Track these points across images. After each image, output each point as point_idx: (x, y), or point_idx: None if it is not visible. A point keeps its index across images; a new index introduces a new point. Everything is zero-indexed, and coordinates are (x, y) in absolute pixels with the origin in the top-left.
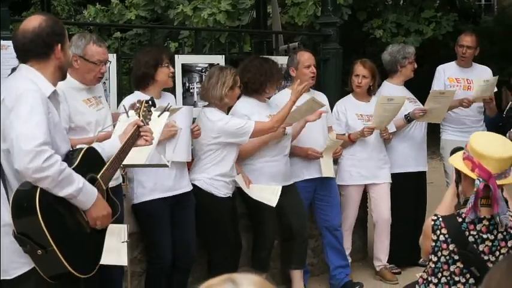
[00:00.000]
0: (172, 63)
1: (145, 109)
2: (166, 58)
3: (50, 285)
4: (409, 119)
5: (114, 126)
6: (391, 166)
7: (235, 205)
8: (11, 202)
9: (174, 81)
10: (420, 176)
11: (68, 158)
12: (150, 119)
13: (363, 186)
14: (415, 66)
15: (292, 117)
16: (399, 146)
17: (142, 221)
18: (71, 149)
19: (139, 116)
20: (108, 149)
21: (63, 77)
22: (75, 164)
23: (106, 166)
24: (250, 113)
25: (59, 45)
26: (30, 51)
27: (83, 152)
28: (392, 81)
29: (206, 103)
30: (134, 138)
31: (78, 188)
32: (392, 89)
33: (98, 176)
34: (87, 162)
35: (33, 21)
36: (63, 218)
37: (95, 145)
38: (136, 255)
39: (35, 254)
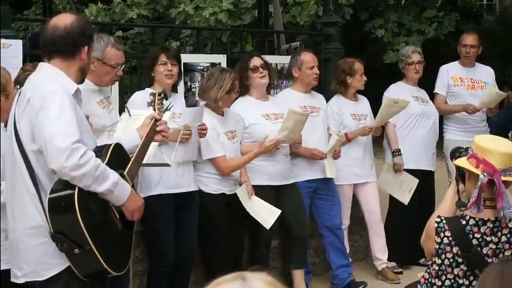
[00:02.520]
0: (177, 59)
1: (159, 102)
2: (163, 57)
3: (79, 285)
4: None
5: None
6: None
7: (234, 204)
8: (47, 201)
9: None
10: (426, 176)
11: (96, 154)
12: (164, 112)
13: (353, 185)
14: (417, 68)
15: (289, 138)
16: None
17: (146, 219)
18: (98, 146)
19: (154, 109)
20: (126, 143)
21: (83, 80)
22: (106, 160)
23: (131, 162)
24: (241, 111)
25: (86, 47)
26: (58, 48)
27: (111, 148)
28: (404, 81)
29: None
30: (153, 131)
31: (114, 182)
32: (400, 88)
33: (125, 172)
34: (116, 159)
35: (66, 19)
36: (99, 217)
37: (114, 139)
38: (138, 255)
39: (71, 253)
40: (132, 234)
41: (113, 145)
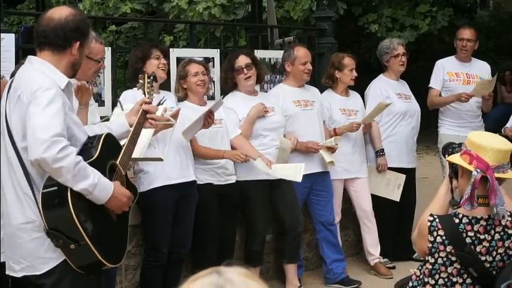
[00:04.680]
0: (167, 57)
1: (148, 85)
2: (156, 51)
3: (74, 277)
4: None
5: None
6: (373, 159)
7: (224, 196)
8: (40, 199)
9: (169, 75)
10: (407, 172)
11: (88, 146)
12: (153, 94)
13: (343, 180)
14: (403, 60)
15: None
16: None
17: (146, 211)
18: (89, 137)
19: (144, 94)
20: (115, 129)
21: (74, 75)
22: (97, 153)
23: (123, 151)
24: (234, 106)
25: (78, 43)
26: (48, 40)
27: (102, 139)
28: (386, 75)
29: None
30: (144, 117)
31: (93, 183)
32: (383, 83)
33: (117, 162)
34: (107, 149)
35: (61, 12)
36: (93, 211)
37: (103, 126)
38: (131, 249)
39: (67, 248)
40: (127, 224)
41: (104, 135)
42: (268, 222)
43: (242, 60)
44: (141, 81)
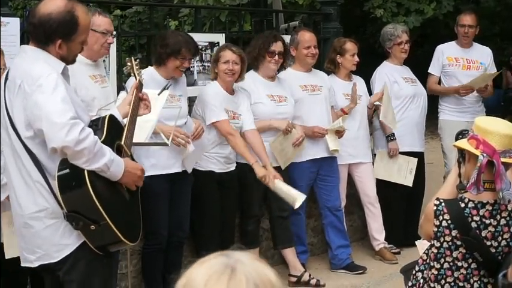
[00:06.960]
0: (196, 53)
1: (137, 67)
2: (186, 52)
3: (90, 260)
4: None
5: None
6: (383, 145)
7: (224, 182)
8: (56, 182)
9: None
10: (417, 157)
11: (93, 128)
12: (142, 76)
13: (348, 165)
14: (405, 48)
15: None
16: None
17: (141, 199)
18: (92, 119)
19: (134, 76)
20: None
21: (70, 63)
22: (105, 134)
23: (125, 131)
24: (249, 89)
25: (60, 41)
26: (31, 33)
27: (107, 120)
28: (390, 61)
29: (206, 82)
30: (138, 99)
31: (110, 159)
32: (389, 69)
33: (122, 143)
34: (112, 130)
35: (50, 6)
36: (109, 190)
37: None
38: None
39: (87, 230)
40: (139, 203)
41: (107, 117)
42: (262, 204)
43: (278, 46)
44: (128, 64)
